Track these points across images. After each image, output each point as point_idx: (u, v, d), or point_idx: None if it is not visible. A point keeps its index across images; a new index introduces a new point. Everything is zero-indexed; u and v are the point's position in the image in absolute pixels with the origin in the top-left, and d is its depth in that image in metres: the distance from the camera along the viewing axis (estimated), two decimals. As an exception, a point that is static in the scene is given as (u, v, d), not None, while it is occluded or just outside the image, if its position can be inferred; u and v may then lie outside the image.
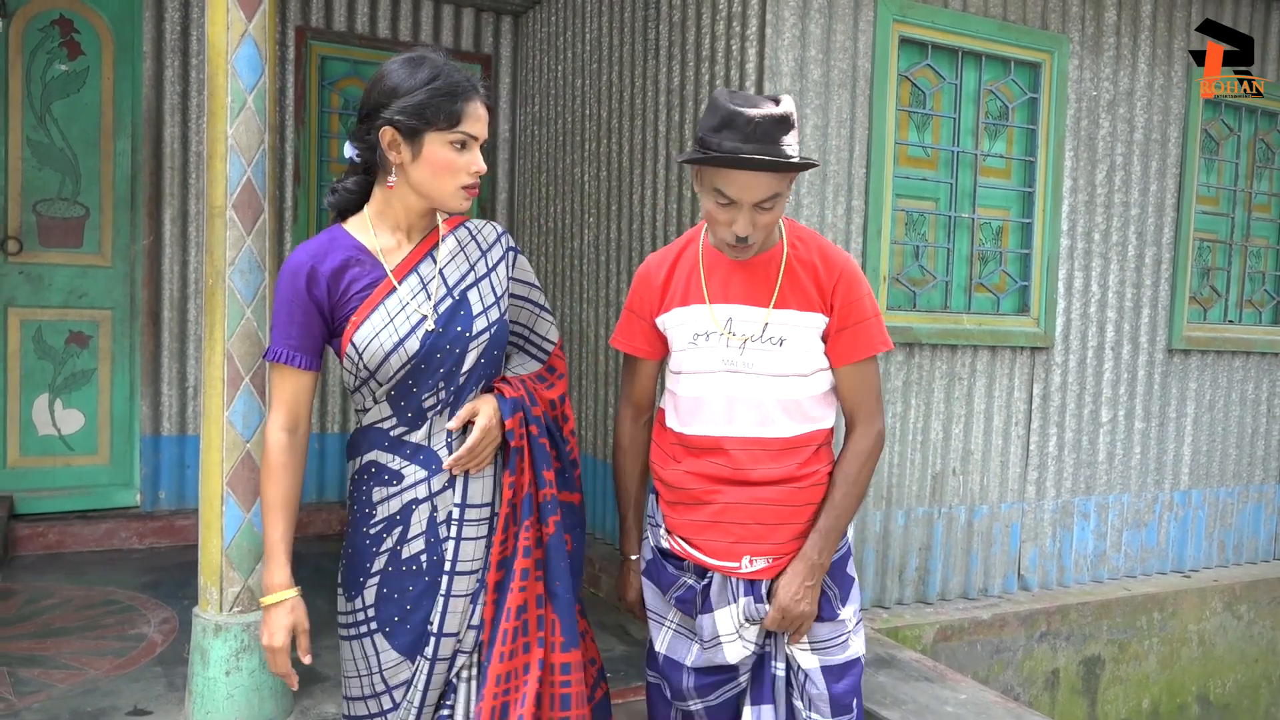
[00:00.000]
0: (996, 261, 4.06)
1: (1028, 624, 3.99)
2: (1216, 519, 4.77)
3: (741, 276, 1.94)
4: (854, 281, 1.94)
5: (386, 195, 1.83)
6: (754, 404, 1.93)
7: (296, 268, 1.79)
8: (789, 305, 1.92)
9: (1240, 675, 4.68)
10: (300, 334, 1.80)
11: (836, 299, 1.92)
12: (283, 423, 1.83)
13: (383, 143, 1.77)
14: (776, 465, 1.93)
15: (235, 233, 2.71)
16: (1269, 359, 4.87)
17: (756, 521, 1.93)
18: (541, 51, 5.23)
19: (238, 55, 2.70)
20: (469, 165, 1.78)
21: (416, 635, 1.85)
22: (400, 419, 1.85)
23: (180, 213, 4.82)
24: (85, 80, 4.68)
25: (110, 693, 3.02)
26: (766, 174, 1.78)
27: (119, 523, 4.66)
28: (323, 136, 5.16)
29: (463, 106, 1.76)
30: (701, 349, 1.95)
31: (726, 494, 1.95)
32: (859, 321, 1.93)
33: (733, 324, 1.93)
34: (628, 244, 4.30)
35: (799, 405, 1.94)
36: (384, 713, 1.88)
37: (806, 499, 1.94)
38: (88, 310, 4.74)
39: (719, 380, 1.94)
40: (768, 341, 1.91)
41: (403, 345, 1.79)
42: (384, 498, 1.85)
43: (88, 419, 4.76)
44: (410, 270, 1.85)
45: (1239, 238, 4.78)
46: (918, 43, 3.75)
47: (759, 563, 1.94)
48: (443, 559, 1.84)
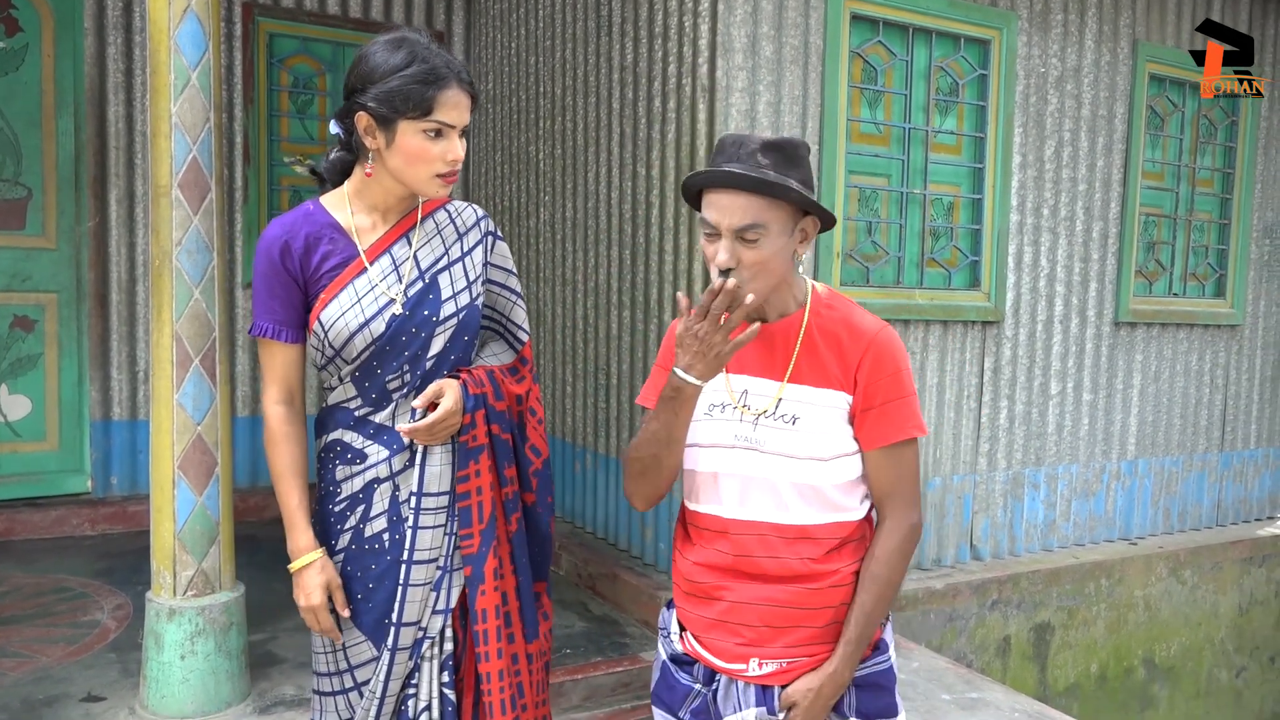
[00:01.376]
0: (948, 237, 4.11)
1: (980, 593, 4.07)
2: (1162, 487, 4.89)
3: (759, 345, 1.74)
4: (884, 356, 1.70)
5: (365, 178, 1.81)
6: (768, 486, 1.72)
7: (271, 242, 1.80)
8: (804, 380, 1.71)
9: (1184, 639, 4.82)
10: (282, 307, 1.81)
11: (861, 375, 1.69)
12: (277, 396, 1.85)
13: (358, 128, 1.76)
14: (792, 556, 1.71)
15: (181, 213, 2.67)
16: (1212, 331, 4.99)
17: (765, 624, 1.73)
18: (494, 28, 5.18)
19: (180, 31, 2.65)
20: (444, 154, 1.75)
21: (379, 615, 1.85)
22: (365, 399, 1.85)
23: (126, 193, 4.73)
24: (24, 58, 4.56)
25: (63, 680, 2.99)
26: (745, 197, 1.61)
27: (70, 509, 4.59)
28: (272, 115, 5.08)
29: (436, 94, 1.72)
30: (716, 421, 1.76)
31: (734, 591, 1.75)
32: (887, 401, 1.69)
33: (748, 396, 1.74)
34: (583, 222, 4.29)
35: (818, 492, 1.71)
36: (345, 691, 1.89)
37: (823, 601, 1.71)
38: (32, 294, 4.64)
39: (732, 457, 1.74)
40: (780, 419, 1.71)
41: (368, 326, 1.78)
42: (347, 476, 1.85)
43: (35, 404, 4.67)
44: (383, 251, 1.84)
45: (1183, 212, 4.88)
46: (869, 19, 3.77)
47: (769, 665, 1.73)
48: (400, 542, 1.83)
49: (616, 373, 4.09)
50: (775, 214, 1.62)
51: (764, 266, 1.63)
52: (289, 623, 3.50)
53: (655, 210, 3.76)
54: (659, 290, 3.75)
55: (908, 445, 1.72)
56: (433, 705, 1.86)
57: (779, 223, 1.63)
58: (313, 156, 5.20)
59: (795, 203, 1.63)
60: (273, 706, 2.86)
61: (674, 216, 3.65)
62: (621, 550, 4.08)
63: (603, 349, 4.20)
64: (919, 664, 3.53)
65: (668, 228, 3.69)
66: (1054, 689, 4.39)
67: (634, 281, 3.92)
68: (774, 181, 1.60)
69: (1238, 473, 5.21)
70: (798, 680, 1.72)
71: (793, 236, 1.66)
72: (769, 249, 1.62)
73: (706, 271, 3.51)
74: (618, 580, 3.83)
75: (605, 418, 4.20)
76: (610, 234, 4.08)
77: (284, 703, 2.89)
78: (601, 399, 4.23)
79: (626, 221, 3.96)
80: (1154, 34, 4.58)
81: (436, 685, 1.87)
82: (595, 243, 4.21)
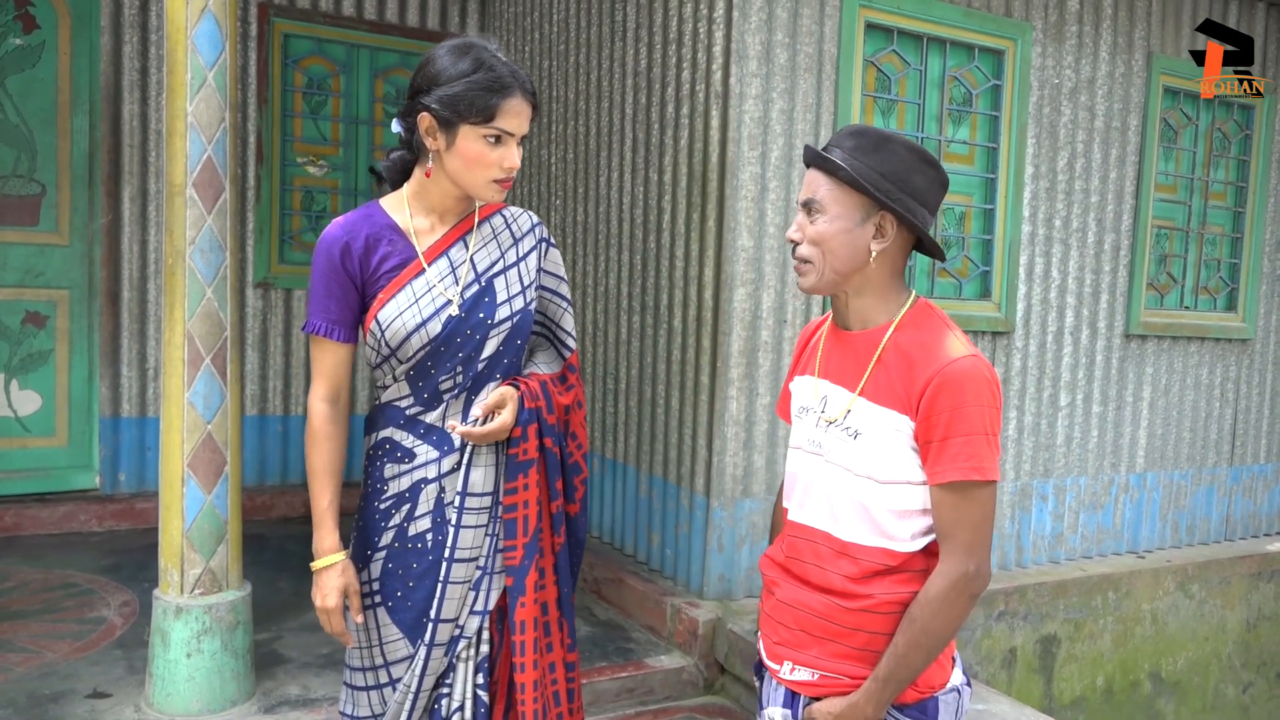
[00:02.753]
0: (959, 247, 4.10)
1: (986, 604, 4.06)
2: (1170, 501, 4.87)
3: (844, 352, 1.75)
4: (951, 387, 1.59)
5: (424, 179, 1.86)
6: (825, 495, 1.73)
7: (332, 242, 1.83)
8: (872, 396, 1.67)
9: (1191, 653, 4.80)
10: (338, 307, 1.84)
11: (925, 403, 1.61)
12: (324, 393, 1.87)
13: (420, 129, 1.80)
14: (833, 570, 1.70)
15: (195, 212, 2.68)
16: (1222, 344, 4.97)
17: (800, 628, 1.73)
18: (509, 31, 5.19)
19: (198, 31, 2.66)
20: (501, 160, 1.79)
21: (417, 614, 1.88)
22: (417, 399, 1.88)
23: (139, 191, 4.75)
24: (41, 55, 4.58)
25: (69, 675, 3.00)
26: (811, 171, 1.70)
27: (78, 505, 4.60)
28: (286, 115, 5.10)
29: (499, 102, 1.76)
30: (801, 422, 1.81)
31: (782, 590, 1.79)
32: (948, 437, 1.59)
33: (826, 403, 1.75)
34: (594, 226, 4.29)
35: (868, 512, 1.67)
36: (379, 686, 1.92)
37: (855, 622, 1.67)
38: (44, 290, 4.66)
39: (804, 460, 1.78)
40: (845, 430, 1.70)
41: (425, 327, 1.82)
42: (395, 474, 1.89)
43: (45, 400, 4.69)
44: (441, 253, 1.88)
45: (1195, 225, 4.86)
46: (883, 28, 3.77)
47: (801, 673, 1.73)
48: (443, 543, 1.87)
49: (625, 377, 4.08)
50: (837, 194, 1.65)
51: (821, 243, 1.66)
52: (294, 622, 3.51)
53: (666, 215, 3.76)
54: (669, 296, 3.75)
55: (973, 488, 1.60)
56: (466, 706, 1.89)
57: (840, 205, 1.65)
58: (326, 157, 5.21)
59: (846, 182, 1.64)
60: (278, 706, 2.87)
61: (685, 222, 3.65)
62: (627, 555, 4.08)
63: (611, 354, 4.20)
64: (924, 674, 3.51)
65: (679, 233, 3.69)
66: (1060, 702, 4.37)
67: (644, 287, 3.92)
68: (819, 151, 1.66)
69: (1247, 487, 5.18)
70: (823, 701, 1.70)
71: (862, 226, 1.65)
72: (826, 227, 1.66)
73: (716, 277, 3.51)
74: (623, 585, 3.82)
75: (614, 422, 4.20)
76: (621, 239, 4.09)
77: (289, 702, 2.89)
78: (610, 404, 4.23)
79: (638, 226, 3.96)
80: (1168, 46, 4.57)
81: (471, 686, 1.90)
82: (605, 247, 4.21)
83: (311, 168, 5.18)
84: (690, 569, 3.64)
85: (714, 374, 3.53)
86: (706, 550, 3.55)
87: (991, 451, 1.60)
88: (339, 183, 5.26)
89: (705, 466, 3.57)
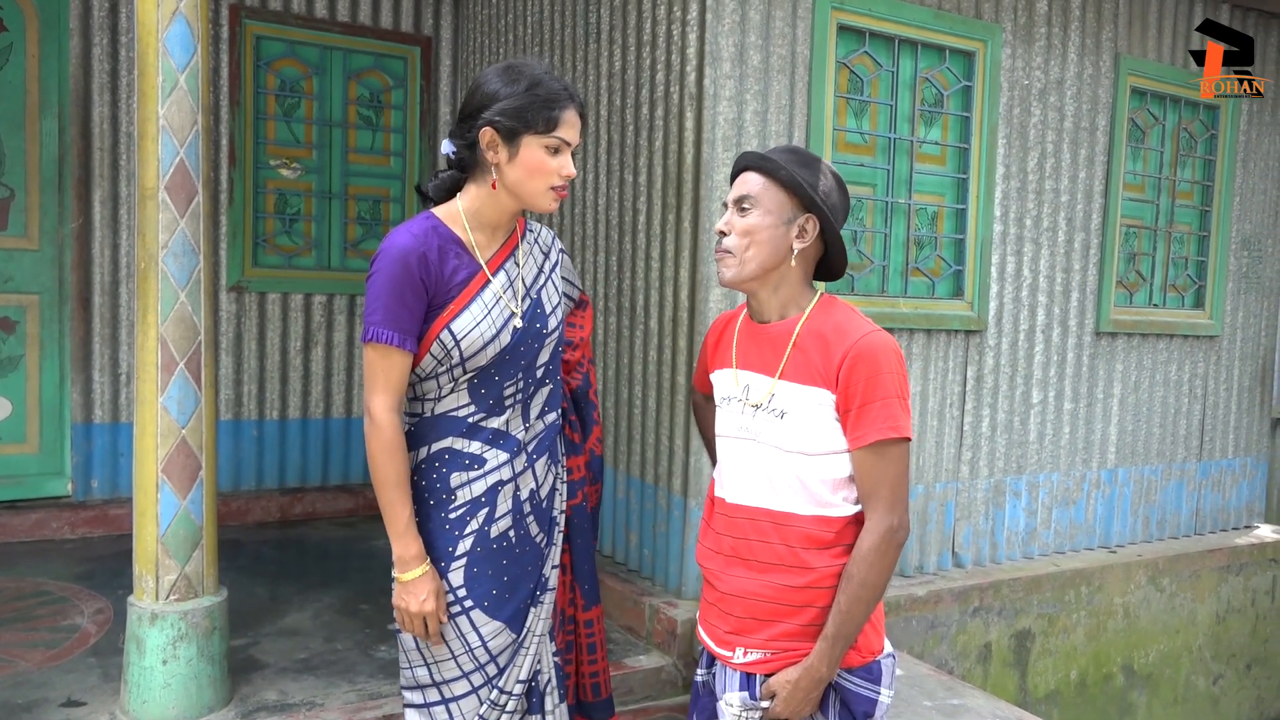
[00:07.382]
0: (932, 246, 4.14)
1: (961, 600, 4.10)
2: (1141, 496, 4.94)
3: (760, 344, 1.92)
4: (865, 358, 1.78)
5: (484, 194, 1.95)
6: (764, 474, 1.88)
7: (407, 251, 1.86)
8: (792, 377, 1.85)
9: (1163, 646, 4.87)
10: (410, 318, 1.88)
11: (842, 375, 1.79)
12: (393, 404, 1.92)
13: (482, 142, 1.89)
14: (779, 542, 1.84)
15: (168, 215, 2.67)
16: (1191, 341, 5.05)
17: (750, 615, 1.86)
18: (483, 33, 5.19)
19: (169, 34, 2.64)
20: (560, 168, 1.91)
21: (519, 607, 2.01)
22: (480, 406, 1.96)
23: (110, 195, 4.71)
24: (8, 58, 4.53)
25: (42, 684, 2.97)
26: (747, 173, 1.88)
27: (50, 513, 4.55)
28: (258, 118, 5.07)
29: (559, 113, 1.89)
30: (726, 411, 1.97)
31: (725, 581, 1.90)
32: (866, 402, 1.77)
33: (749, 390, 1.91)
34: (569, 228, 4.30)
35: (804, 485, 1.83)
36: (490, 681, 2.00)
37: (804, 599, 1.82)
38: (14, 295, 4.61)
39: (735, 446, 1.94)
40: (771, 412, 1.86)
41: (498, 337, 1.93)
42: (464, 482, 1.96)
43: (15, 406, 4.64)
44: (499, 267, 1.99)
45: (1163, 224, 4.93)
46: (855, 30, 3.80)
47: (753, 654, 1.87)
48: (528, 536, 2.03)
49: (602, 379, 4.09)
50: (770, 193, 1.85)
51: (751, 234, 1.84)
52: (271, 627, 3.49)
53: (642, 217, 3.78)
54: (645, 296, 3.77)
55: (890, 447, 1.79)
56: (552, 678, 2.11)
57: (772, 202, 1.85)
58: (299, 160, 5.19)
59: (785, 182, 1.84)
60: (255, 711, 2.85)
61: (660, 223, 3.67)
62: (605, 556, 4.08)
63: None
64: (901, 671, 3.54)
65: (654, 234, 3.70)
66: (1034, 695, 4.42)
67: (620, 288, 3.93)
68: (763, 154, 1.86)
69: (1216, 482, 5.26)
70: (779, 672, 1.84)
71: (788, 225, 1.85)
72: (758, 221, 1.84)
73: (692, 278, 3.53)
74: (601, 586, 3.82)
75: (590, 423, 4.20)
76: (597, 240, 4.09)
77: (266, 708, 2.88)
78: (587, 405, 4.23)
79: (613, 228, 3.97)
80: (1135, 48, 4.64)
81: (549, 658, 2.10)
82: (582, 249, 4.22)
83: (285, 170, 5.15)
84: (668, 569, 3.66)
85: (690, 374, 3.55)
86: (684, 550, 3.56)
87: (904, 412, 1.80)
88: (312, 185, 5.23)
89: (682, 466, 3.58)
